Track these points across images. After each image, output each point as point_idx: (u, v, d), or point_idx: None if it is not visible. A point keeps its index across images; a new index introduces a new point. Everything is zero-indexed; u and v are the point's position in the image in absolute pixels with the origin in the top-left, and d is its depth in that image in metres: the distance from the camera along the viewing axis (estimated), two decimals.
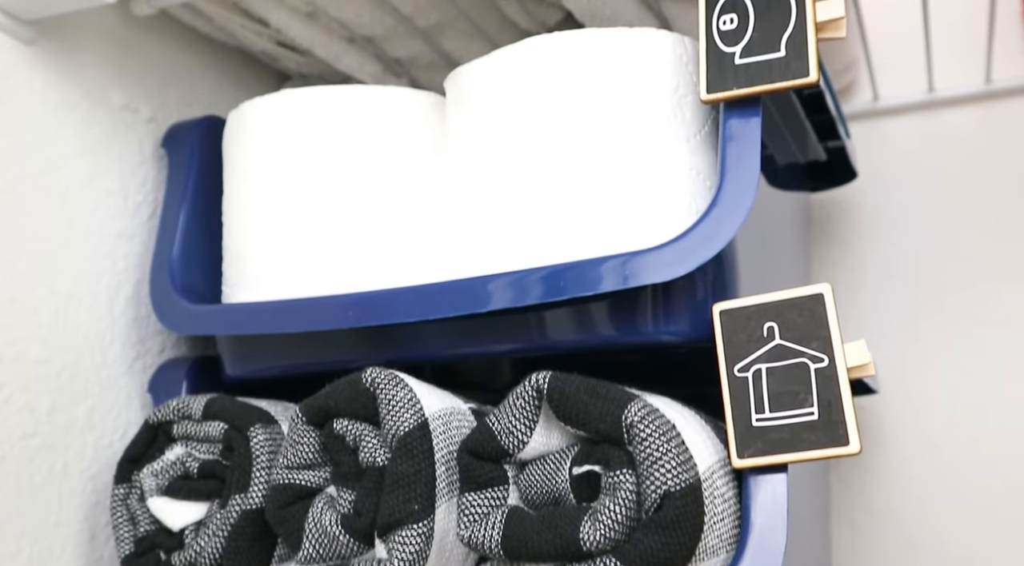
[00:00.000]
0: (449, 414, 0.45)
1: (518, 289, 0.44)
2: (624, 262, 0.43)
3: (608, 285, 0.43)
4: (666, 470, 0.38)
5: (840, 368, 0.39)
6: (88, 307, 0.56)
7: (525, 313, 0.47)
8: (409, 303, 0.47)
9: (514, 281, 0.45)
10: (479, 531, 0.41)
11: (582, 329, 0.46)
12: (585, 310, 0.46)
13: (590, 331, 0.46)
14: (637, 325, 0.45)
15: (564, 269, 0.44)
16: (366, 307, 0.48)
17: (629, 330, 0.45)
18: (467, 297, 0.46)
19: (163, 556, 0.49)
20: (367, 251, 0.52)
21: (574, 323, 0.47)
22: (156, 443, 0.51)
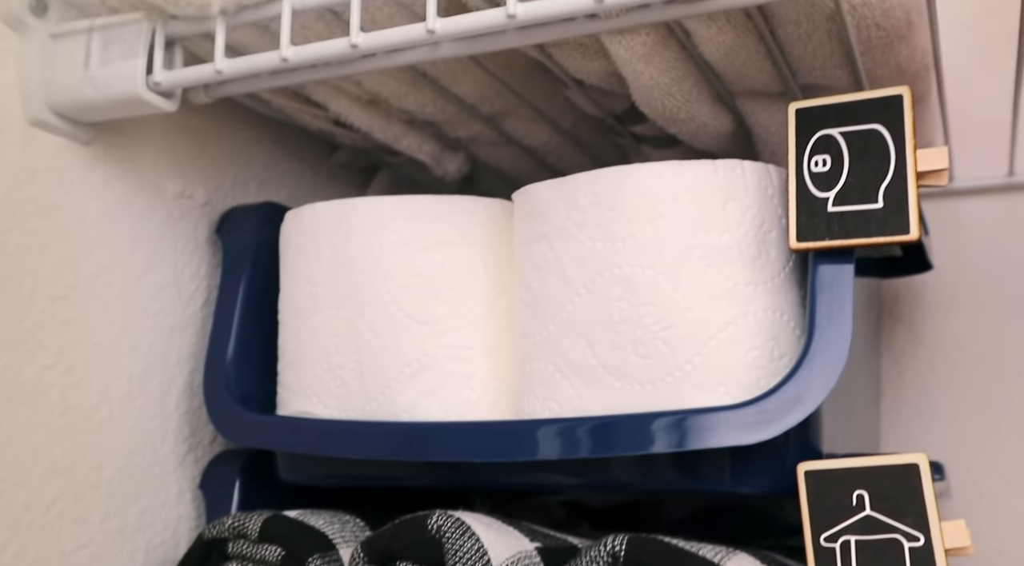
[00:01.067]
0: (516, 562, 0.43)
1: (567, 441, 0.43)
2: (705, 420, 0.41)
3: (679, 444, 0.41)
4: None
5: (938, 551, 0.37)
6: (140, 407, 0.55)
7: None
8: (455, 443, 0.46)
9: (562, 431, 0.43)
10: None
11: (651, 473, 0.45)
12: (659, 458, 0.44)
13: (663, 478, 0.44)
14: (715, 475, 0.43)
15: (642, 420, 0.42)
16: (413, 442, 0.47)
17: (706, 479, 0.43)
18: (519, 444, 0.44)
19: None
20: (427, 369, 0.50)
21: (644, 466, 0.45)
22: (210, 559, 0.50)
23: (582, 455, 0.42)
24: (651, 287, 0.44)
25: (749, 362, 0.43)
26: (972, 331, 0.70)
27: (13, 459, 0.47)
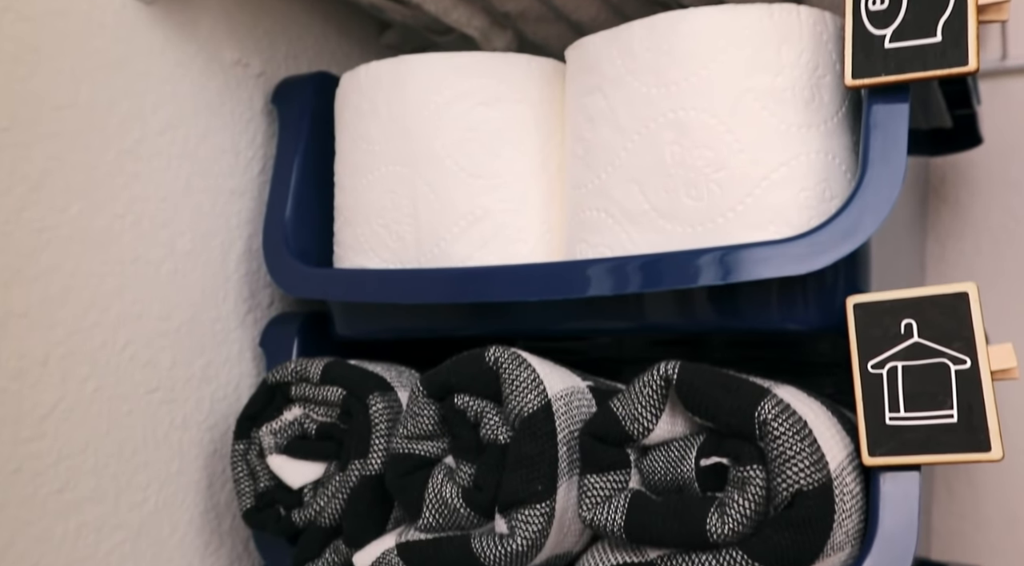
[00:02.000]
0: (570, 394, 0.45)
1: (617, 277, 0.44)
2: (753, 252, 0.42)
3: (734, 276, 0.42)
4: (799, 469, 0.38)
5: (984, 372, 0.38)
6: (203, 264, 0.57)
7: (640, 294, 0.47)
8: (512, 284, 0.47)
9: (613, 268, 0.44)
10: (602, 513, 0.41)
11: (702, 313, 0.46)
12: (707, 295, 0.45)
13: (711, 316, 0.45)
14: (762, 312, 0.44)
15: (691, 256, 0.43)
16: (471, 284, 0.48)
17: (753, 317, 0.45)
18: (567, 282, 0.45)
19: (283, 512, 0.50)
20: (481, 221, 0.51)
21: (693, 307, 0.46)
22: (274, 403, 0.52)
23: (632, 290, 0.43)
24: (704, 130, 0.44)
25: (800, 203, 0.44)
26: (1020, 211, 0.70)
27: (89, 301, 0.50)
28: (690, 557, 0.40)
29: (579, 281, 0.45)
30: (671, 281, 0.43)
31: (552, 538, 0.43)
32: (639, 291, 0.43)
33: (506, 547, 0.42)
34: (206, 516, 0.56)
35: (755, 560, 0.38)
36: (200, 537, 0.56)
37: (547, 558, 0.44)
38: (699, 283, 0.42)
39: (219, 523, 0.57)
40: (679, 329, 0.47)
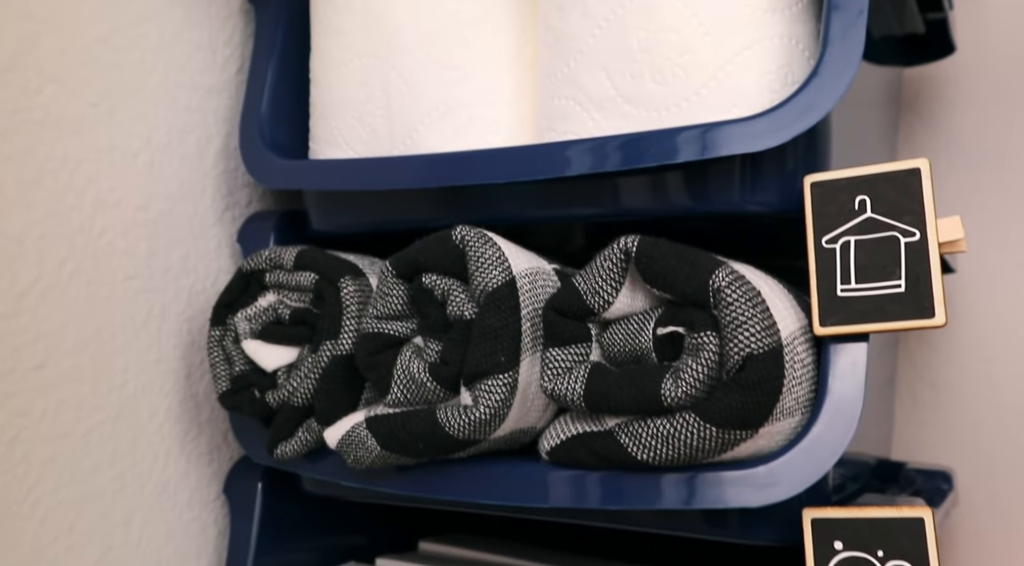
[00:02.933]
0: (535, 273, 0.46)
1: (597, 156, 0.45)
2: (716, 131, 0.43)
3: (694, 154, 0.43)
4: (750, 334, 0.39)
5: (932, 243, 0.40)
6: (180, 158, 0.58)
7: (610, 179, 0.48)
8: (490, 166, 0.48)
9: (593, 148, 0.45)
10: (562, 384, 0.43)
11: (665, 197, 0.47)
12: (672, 178, 0.46)
13: (673, 200, 0.46)
14: (725, 195, 0.45)
15: (653, 136, 0.44)
16: (447, 168, 0.49)
17: (716, 199, 0.46)
18: (547, 162, 0.46)
19: (257, 394, 0.52)
20: (453, 111, 0.52)
21: (659, 191, 0.47)
22: (249, 290, 0.54)
23: (609, 169, 0.44)
24: (671, 14, 0.45)
25: (763, 86, 0.45)
26: (992, 123, 0.70)
27: (66, 185, 0.51)
28: (646, 423, 0.41)
29: (559, 161, 0.46)
30: (651, 158, 0.43)
31: (515, 411, 0.44)
32: (617, 169, 0.44)
33: (470, 416, 0.43)
34: (184, 405, 0.58)
35: (707, 422, 0.39)
36: (179, 424, 0.57)
37: (511, 432, 0.46)
38: (676, 160, 0.43)
39: (198, 413, 0.59)
40: (648, 213, 0.48)
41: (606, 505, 0.43)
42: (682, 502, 0.41)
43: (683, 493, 0.41)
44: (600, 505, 0.43)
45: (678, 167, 0.46)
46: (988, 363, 0.69)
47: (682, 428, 0.40)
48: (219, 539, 0.60)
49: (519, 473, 0.46)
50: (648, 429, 0.41)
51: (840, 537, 0.41)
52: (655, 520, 0.46)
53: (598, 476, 0.43)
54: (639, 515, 0.46)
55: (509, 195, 0.51)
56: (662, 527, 0.46)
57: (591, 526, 0.66)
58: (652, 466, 0.41)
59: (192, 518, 0.58)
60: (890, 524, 0.40)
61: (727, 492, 0.41)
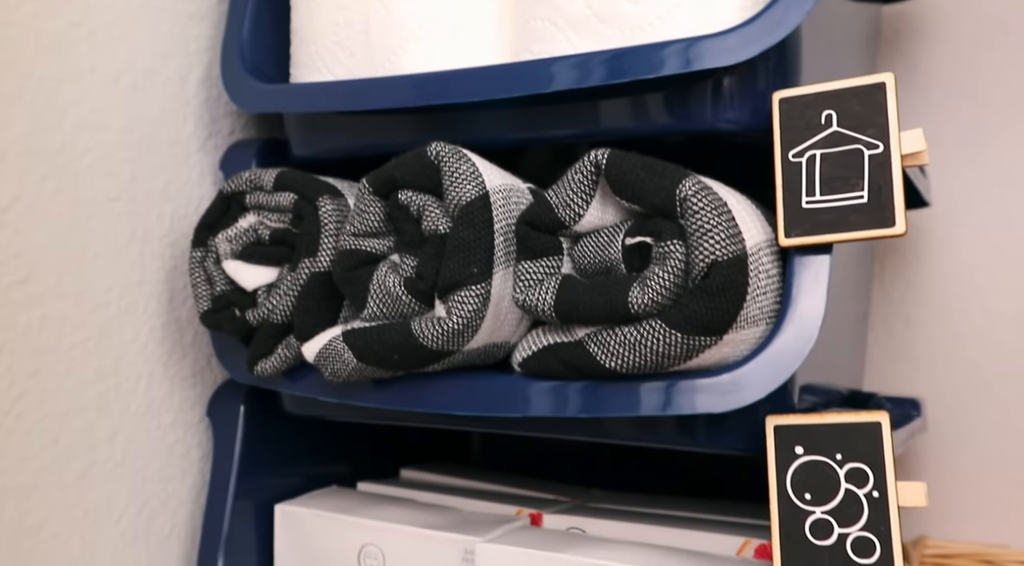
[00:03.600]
0: (509, 189, 0.47)
1: (581, 71, 0.45)
2: (688, 46, 0.43)
3: (670, 68, 0.43)
4: (715, 241, 0.40)
5: (894, 154, 0.40)
6: (162, 83, 0.58)
7: (585, 100, 0.48)
8: (472, 84, 0.48)
9: (577, 64, 0.45)
10: (533, 294, 0.44)
11: (641, 116, 0.47)
12: (645, 98, 0.47)
13: (648, 118, 0.47)
14: (696, 113, 0.46)
15: (627, 52, 0.44)
16: (429, 87, 0.49)
17: (688, 118, 0.46)
18: (530, 78, 0.47)
19: (238, 313, 0.53)
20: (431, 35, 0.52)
21: (633, 111, 0.48)
22: (230, 212, 0.54)
23: (592, 84, 0.45)
24: None
25: (733, 5, 0.45)
26: (968, 61, 0.71)
27: (46, 103, 0.51)
28: (614, 331, 0.42)
29: (543, 78, 0.46)
30: (634, 72, 0.44)
31: (488, 323, 0.45)
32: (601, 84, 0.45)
33: (443, 327, 0.45)
34: (168, 328, 0.59)
35: (672, 328, 0.40)
36: (163, 346, 0.58)
37: (484, 345, 0.47)
38: (661, 73, 0.43)
39: (181, 336, 0.60)
40: (623, 133, 0.48)
41: (576, 413, 0.44)
42: (649, 409, 0.43)
43: (650, 400, 0.43)
44: (570, 413, 0.44)
45: (653, 86, 0.46)
46: (961, 298, 0.70)
47: (649, 335, 0.41)
48: (203, 462, 0.61)
49: (493, 384, 0.47)
50: (616, 337, 0.42)
51: (801, 443, 0.42)
52: (625, 431, 0.47)
53: (567, 385, 0.44)
54: (608, 425, 0.47)
55: (489, 117, 0.51)
56: (632, 438, 0.48)
57: (566, 451, 0.67)
58: (620, 374, 0.43)
59: (176, 439, 0.59)
60: (848, 429, 0.41)
61: (693, 398, 0.42)
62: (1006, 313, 0.69)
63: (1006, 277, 0.69)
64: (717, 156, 0.53)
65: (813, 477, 0.42)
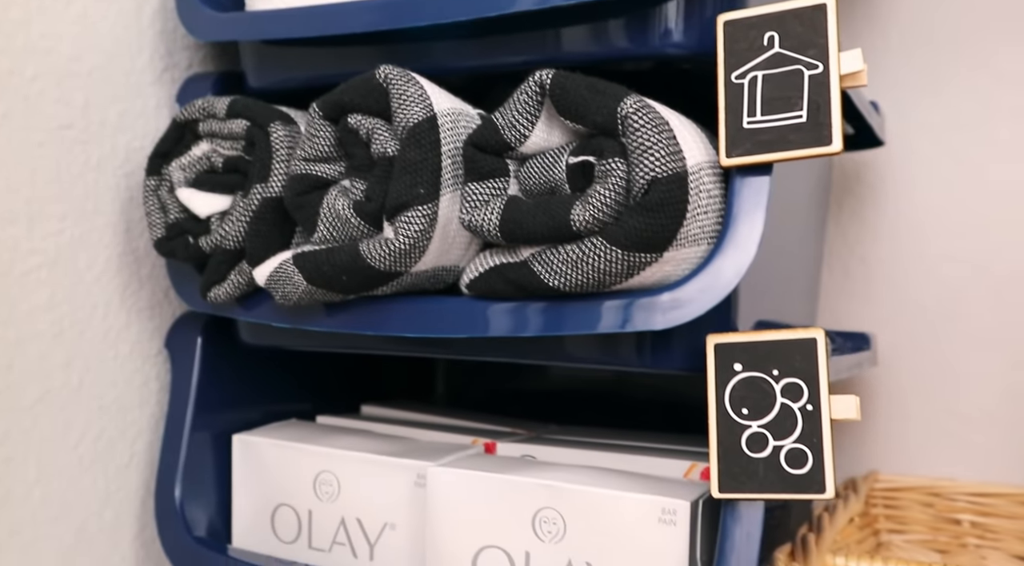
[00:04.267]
0: (458, 113, 0.47)
1: None
2: None
3: None
4: (655, 158, 0.40)
5: (833, 75, 0.41)
6: (116, 12, 0.58)
7: (538, 28, 0.48)
8: (432, 6, 0.48)
9: None
10: (479, 215, 0.44)
11: (593, 42, 0.48)
12: (598, 23, 0.47)
13: (601, 43, 0.47)
14: (644, 38, 0.46)
15: None
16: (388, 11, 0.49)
17: (637, 42, 0.47)
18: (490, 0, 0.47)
19: (191, 240, 0.53)
20: None
21: (586, 36, 0.48)
22: (183, 140, 0.54)
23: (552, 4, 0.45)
24: None
25: None
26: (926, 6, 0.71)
27: None
28: (557, 250, 0.43)
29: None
30: None
31: (435, 245, 0.46)
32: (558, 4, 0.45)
33: (390, 247, 0.45)
34: (124, 259, 0.59)
35: (613, 245, 0.41)
36: (119, 277, 0.58)
37: (433, 268, 0.47)
38: None
39: (138, 268, 0.60)
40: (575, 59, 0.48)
41: (519, 332, 0.45)
42: (590, 326, 0.43)
43: (592, 318, 0.43)
44: (514, 333, 0.45)
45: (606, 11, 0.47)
46: (914, 238, 0.71)
47: (590, 252, 0.41)
48: (161, 393, 0.62)
49: (441, 306, 0.47)
50: (559, 256, 0.43)
51: (740, 359, 0.43)
52: (571, 351, 0.48)
53: (512, 306, 0.45)
54: (554, 346, 0.48)
55: (447, 46, 0.51)
56: (579, 359, 0.48)
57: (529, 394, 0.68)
58: (563, 292, 0.43)
59: (134, 369, 0.60)
60: (785, 345, 0.42)
61: (634, 316, 0.43)
62: (957, 253, 0.70)
63: (957, 218, 0.70)
64: (674, 87, 0.53)
65: (751, 393, 0.43)
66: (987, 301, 0.69)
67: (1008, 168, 0.69)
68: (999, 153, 0.69)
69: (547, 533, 0.48)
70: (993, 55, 0.69)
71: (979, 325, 0.69)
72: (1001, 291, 0.69)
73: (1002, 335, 0.69)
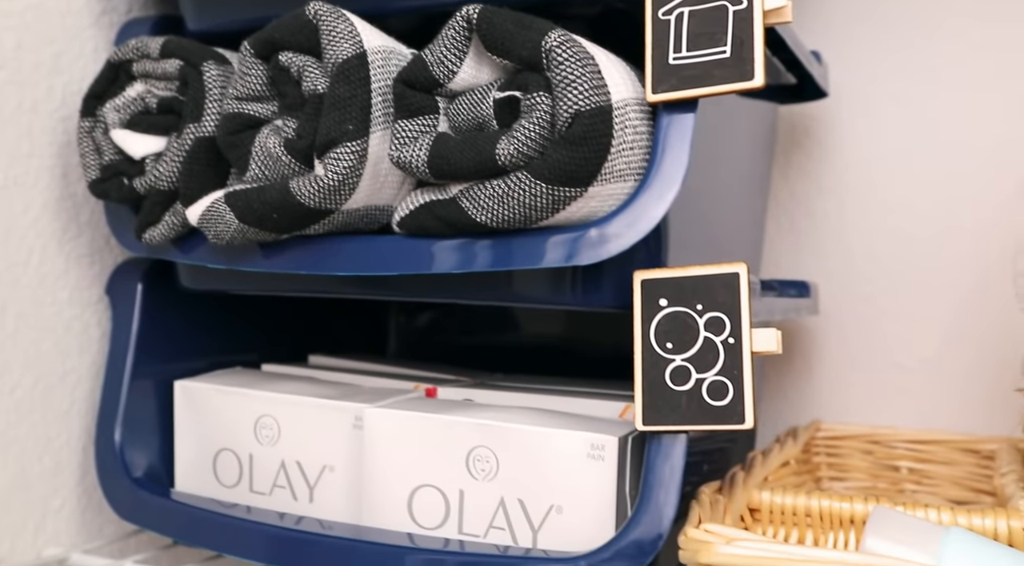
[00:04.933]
0: (389, 51, 0.47)
1: None
2: None
3: None
4: (579, 92, 0.40)
5: (756, 10, 0.41)
6: None
7: None
8: None
9: None
10: (408, 151, 0.44)
11: None
12: None
13: None
14: None
15: None
16: None
17: None
18: None
19: (126, 181, 0.53)
20: None
21: None
22: (118, 81, 0.54)
23: None
24: None
25: None
26: None
27: None
28: (484, 186, 0.43)
29: None
30: None
31: (366, 183, 0.46)
32: None
33: (319, 184, 0.45)
34: (62, 204, 0.58)
35: (537, 179, 0.41)
36: (57, 222, 0.58)
37: (365, 207, 0.47)
38: None
39: (77, 213, 0.59)
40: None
41: (448, 269, 0.45)
42: (517, 262, 0.44)
43: (518, 253, 0.44)
44: (442, 269, 0.45)
45: None
46: (859, 191, 0.72)
47: (516, 187, 0.42)
48: (102, 340, 0.61)
49: (374, 244, 0.47)
50: (486, 191, 0.43)
51: (665, 295, 0.43)
52: (504, 291, 0.48)
53: (442, 243, 0.45)
54: (484, 286, 0.48)
55: None
56: (510, 299, 0.49)
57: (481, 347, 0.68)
58: (490, 228, 0.43)
59: (73, 316, 0.59)
60: (709, 280, 0.43)
61: (560, 251, 0.43)
62: (900, 206, 0.71)
63: (903, 171, 0.71)
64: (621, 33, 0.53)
65: (675, 327, 0.43)
66: (930, 254, 0.70)
67: (955, 122, 0.70)
68: (947, 106, 0.70)
69: (480, 471, 0.49)
70: (941, 5, 0.70)
71: (923, 278, 0.70)
72: (944, 244, 0.70)
73: (944, 287, 0.70)
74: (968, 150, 0.69)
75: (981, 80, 0.69)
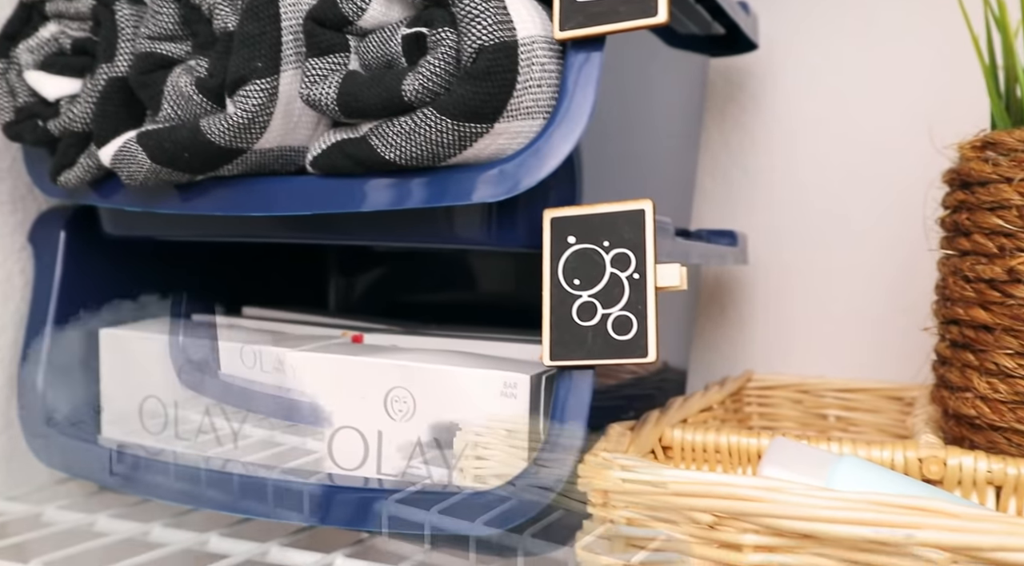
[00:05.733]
0: None
1: None
2: None
3: None
4: (483, 27, 0.40)
5: None
6: None
7: None
8: None
9: None
10: (317, 89, 0.44)
11: None
12: None
13: None
14: None
15: None
16: None
17: None
18: None
19: (40, 123, 0.52)
20: None
21: None
22: (31, 21, 0.53)
23: None
24: None
25: None
26: None
27: None
28: (393, 123, 0.43)
29: None
30: None
31: (278, 122, 0.45)
32: None
33: (229, 122, 0.45)
34: None
35: (443, 115, 0.41)
36: None
37: (279, 147, 0.47)
38: None
39: None
40: None
41: (358, 208, 0.45)
42: (425, 200, 0.44)
43: (427, 191, 0.44)
44: (352, 208, 0.45)
45: None
46: (791, 143, 0.73)
47: (422, 123, 0.42)
48: (26, 288, 0.61)
49: (286, 185, 0.47)
50: (394, 128, 0.43)
51: (573, 232, 0.44)
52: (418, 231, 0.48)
53: (353, 181, 0.45)
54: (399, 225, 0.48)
55: None
56: (425, 238, 0.49)
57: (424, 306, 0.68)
58: (399, 165, 0.44)
59: None
60: (616, 217, 0.43)
61: (467, 188, 0.43)
62: (831, 158, 0.72)
63: (833, 123, 0.72)
64: None
65: (583, 264, 0.43)
66: (862, 207, 0.71)
67: (888, 73, 0.70)
68: (879, 58, 0.70)
69: (398, 412, 0.49)
70: None
71: (855, 230, 0.71)
72: (876, 197, 0.70)
73: (874, 239, 0.71)
74: (897, 102, 0.70)
75: (912, 31, 0.69)
